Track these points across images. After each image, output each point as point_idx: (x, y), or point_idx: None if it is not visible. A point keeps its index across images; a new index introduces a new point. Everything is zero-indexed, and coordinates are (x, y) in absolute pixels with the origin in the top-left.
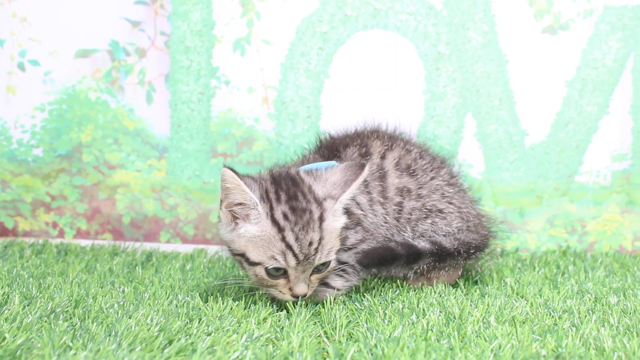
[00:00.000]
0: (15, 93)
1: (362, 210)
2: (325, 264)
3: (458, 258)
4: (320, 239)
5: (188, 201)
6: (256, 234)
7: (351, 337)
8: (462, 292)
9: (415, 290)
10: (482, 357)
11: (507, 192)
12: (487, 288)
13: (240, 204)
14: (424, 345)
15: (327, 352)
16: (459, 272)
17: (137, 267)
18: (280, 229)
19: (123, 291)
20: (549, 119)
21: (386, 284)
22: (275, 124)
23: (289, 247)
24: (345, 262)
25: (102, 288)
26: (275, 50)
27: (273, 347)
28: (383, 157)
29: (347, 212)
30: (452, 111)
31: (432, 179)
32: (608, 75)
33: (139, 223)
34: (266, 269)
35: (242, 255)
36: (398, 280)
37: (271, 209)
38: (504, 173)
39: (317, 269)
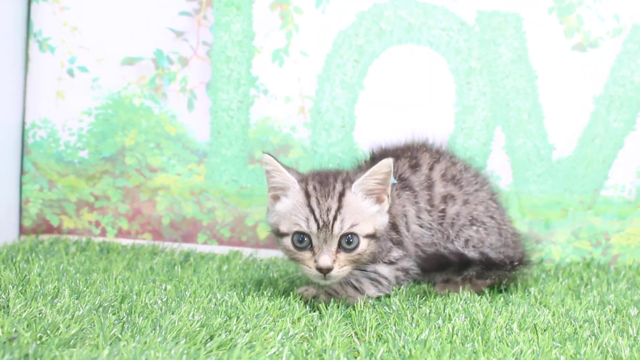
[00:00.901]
0: (64, 98)
1: (407, 225)
2: (351, 242)
3: (503, 270)
4: (339, 208)
5: (225, 205)
6: (289, 205)
7: (380, 338)
8: (487, 299)
9: (441, 297)
10: (502, 359)
11: (534, 204)
12: (511, 297)
13: (281, 188)
14: (449, 348)
15: (358, 352)
16: (488, 282)
17: (176, 267)
18: (308, 196)
19: (165, 288)
20: (576, 134)
21: (413, 289)
22: (310, 132)
23: (312, 211)
24: (385, 277)
25: (144, 285)
26: (312, 62)
27: (307, 344)
28: (431, 169)
29: (394, 225)
30: (481, 124)
31: (476, 190)
32: (635, 93)
33: (178, 224)
34: (292, 240)
35: (277, 231)
36: (425, 287)
37: (306, 184)
38: (531, 185)
39: (343, 247)
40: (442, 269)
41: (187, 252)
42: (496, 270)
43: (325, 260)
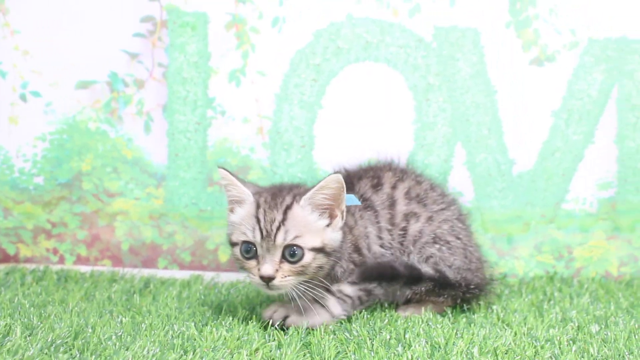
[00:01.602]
0: (17, 123)
1: (368, 246)
2: (295, 255)
3: (457, 291)
4: (283, 220)
5: (185, 228)
6: (241, 216)
7: None
8: (450, 320)
9: (404, 320)
10: None
11: (496, 220)
12: (473, 316)
13: (237, 201)
14: None
15: None
16: (449, 302)
17: (135, 295)
18: (258, 207)
19: (121, 321)
20: (536, 148)
21: (375, 313)
22: (269, 153)
23: (257, 221)
24: (349, 296)
25: (100, 318)
26: (270, 82)
27: None
28: (394, 187)
29: (356, 248)
30: (442, 140)
31: (442, 209)
32: (593, 106)
33: (138, 249)
34: (240, 249)
35: (230, 241)
36: (386, 310)
37: (260, 196)
38: (493, 201)
39: (287, 259)
40: (385, 279)
41: (147, 277)
42: (450, 290)
43: (267, 269)
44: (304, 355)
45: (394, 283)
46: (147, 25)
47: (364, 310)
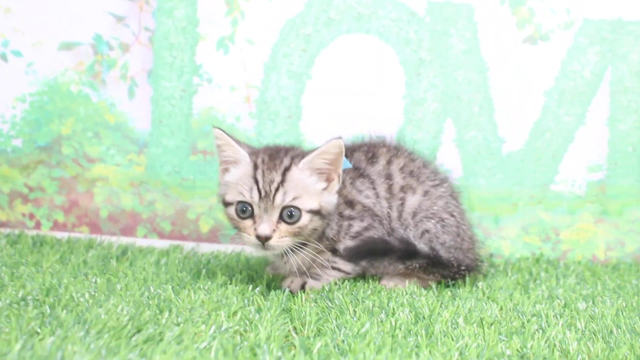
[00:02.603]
0: None
1: (369, 199)
2: (292, 215)
3: (449, 270)
4: (282, 182)
5: (166, 197)
6: (237, 176)
7: (320, 332)
8: (434, 294)
9: (387, 291)
10: (447, 355)
11: (483, 198)
12: (458, 291)
13: (232, 161)
14: (390, 342)
15: (294, 345)
16: (435, 277)
17: (111, 260)
18: (255, 168)
19: (95, 282)
20: (527, 128)
21: (358, 284)
22: (256, 123)
23: (256, 182)
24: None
25: (74, 278)
26: (258, 50)
27: (240, 338)
28: (389, 162)
29: (351, 202)
30: (431, 116)
31: (435, 186)
32: (586, 87)
33: (117, 217)
34: (236, 209)
35: (223, 201)
36: (370, 281)
37: (256, 157)
38: (481, 179)
39: (284, 220)
40: (378, 255)
41: (125, 245)
42: (441, 269)
43: (264, 228)
44: (283, 319)
45: (387, 258)
46: None
47: (346, 281)
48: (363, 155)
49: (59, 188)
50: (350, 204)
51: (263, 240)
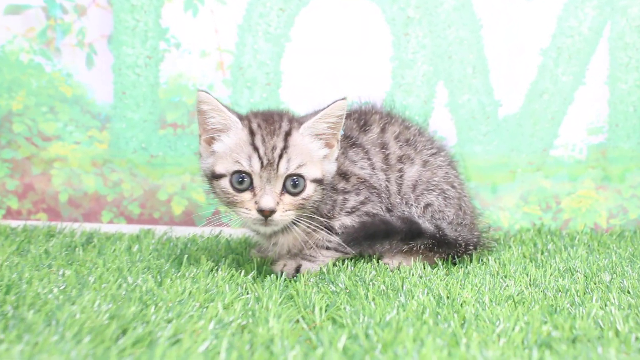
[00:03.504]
0: None
1: (364, 170)
2: (297, 185)
3: (456, 249)
4: (285, 148)
5: (133, 177)
6: (230, 144)
7: (335, 322)
8: (444, 271)
9: (392, 271)
10: (492, 341)
11: (480, 166)
12: (468, 268)
13: (220, 129)
14: (426, 330)
15: (311, 340)
16: (443, 256)
17: (77, 249)
18: (252, 134)
19: (63, 274)
20: (523, 89)
21: (359, 264)
22: (231, 91)
23: (255, 149)
24: (352, 226)
25: (37, 271)
26: (231, 11)
27: (249, 334)
28: (383, 130)
29: (345, 174)
30: (422, 79)
31: (433, 155)
32: (584, 44)
33: (78, 201)
34: (230, 181)
35: (212, 173)
36: (373, 260)
37: (249, 122)
38: (477, 146)
39: (288, 190)
40: (378, 238)
41: (89, 232)
42: (447, 249)
43: (268, 201)
44: (289, 308)
45: (389, 240)
46: None
47: (347, 261)
48: (355, 123)
49: (11, 171)
50: (344, 175)
51: (267, 214)
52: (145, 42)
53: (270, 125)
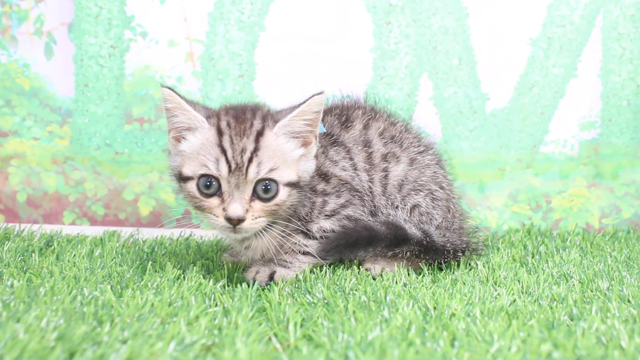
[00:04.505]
0: None
1: (346, 171)
2: (269, 190)
3: (444, 255)
4: (255, 150)
5: (97, 175)
6: (196, 144)
7: (311, 340)
8: (430, 278)
9: (375, 279)
10: None
11: (466, 164)
12: (455, 274)
13: (186, 127)
14: (413, 354)
15: None
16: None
17: (33, 254)
18: (220, 134)
19: (12, 285)
20: (512, 82)
21: (338, 271)
22: (201, 84)
23: (223, 151)
24: (332, 231)
25: None
26: None
27: (213, 358)
28: (366, 126)
29: (325, 175)
30: (405, 71)
31: (421, 153)
32: (576, 34)
33: (38, 201)
34: (197, 184)
35: (179, 175)
36: (354, 266)
37: (218, 120)
38: (463, 142)
39: (259, 196)
40: (363, 244)
41: (50, 235)
42: (434, 255)
43: (235, 209)
44: (260, 324)
45: (372, 248)
46: None
47: (325, 267)
48: (336, 119)
49: None
50: (324, 176)
51: (235, 223)
52: (109, 31)
53: (240, 124)
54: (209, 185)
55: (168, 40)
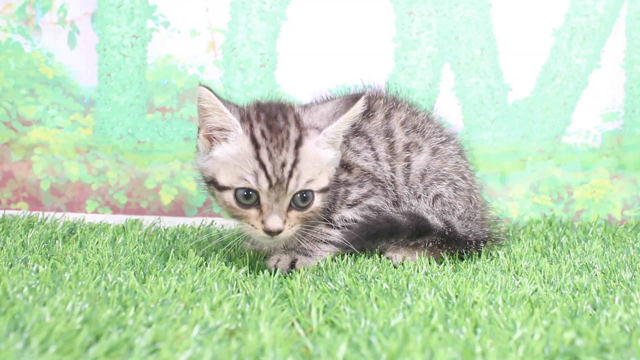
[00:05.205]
0: None
1: (368, 161)
2: (306, 199)
3: (466, 246)
4: (295, 162)
5: (119, 164)
6: (232, 152)
7: (333, 325)
8: (451, 267)
9: (396, 267)
10: (510, 350)
11: (488, 155)
12: (477, 263)
13: (219, 128)
14: (436, 338)
15: (307, 348)
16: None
17: (57, 242)
18: (257, 146)
19: (37, 270)
20: (534, 72)
21: (360, 259)
22: (223, 73)
23: (262, 166)
24: (354, 220)
25: (11, 267)
26: None
27: (237, 342)
28: (388, 116)
29: (347, 165)
30: (426, 62)
31: (443, 143)
32: (599, 24)
33: (61, 190)
34: (235, 195)
35: (213, 181)
36: (375, 254)
37: (251, 127)
38: (485, 133)
39: (296, 205)
40: (383, 237)
41: (72, 223)
42: (456, 246)
43: (275, 222)
44: (282, 310)
45: (394, 238)
46: None
47: (346, 255)
48: None
49: None
50: (347, 167)
51: (274, 234)
52: (131, 21)
53: (277, 134)
54: (248, 196)
55: (190, 29)
